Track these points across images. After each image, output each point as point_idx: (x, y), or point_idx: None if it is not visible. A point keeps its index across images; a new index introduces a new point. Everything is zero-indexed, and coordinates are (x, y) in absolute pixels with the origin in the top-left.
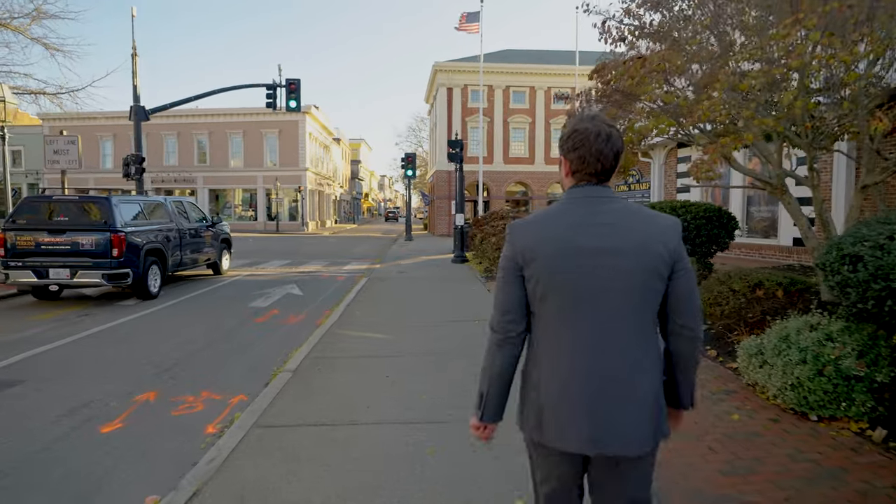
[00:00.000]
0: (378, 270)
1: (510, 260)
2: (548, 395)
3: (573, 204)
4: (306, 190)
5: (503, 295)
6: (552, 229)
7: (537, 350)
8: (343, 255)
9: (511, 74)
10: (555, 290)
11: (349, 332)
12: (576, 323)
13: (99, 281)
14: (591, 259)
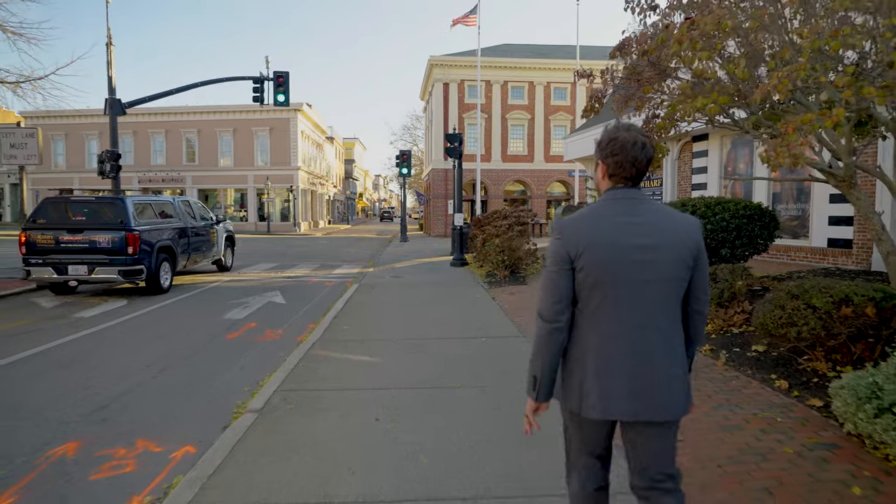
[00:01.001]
0: (371, 275)
1: (561, 254)
2: (595, 371)
3: (615, 204)
4: (298, 189)
5: (554, 285)
6: (601, 227)
7: (583, 332)
8: (334, 257)
9: (509, 69)
10: (605, 281)
11: (333, 353)
12: (623, 309)
13: (115, 277)
14: (635, 254)
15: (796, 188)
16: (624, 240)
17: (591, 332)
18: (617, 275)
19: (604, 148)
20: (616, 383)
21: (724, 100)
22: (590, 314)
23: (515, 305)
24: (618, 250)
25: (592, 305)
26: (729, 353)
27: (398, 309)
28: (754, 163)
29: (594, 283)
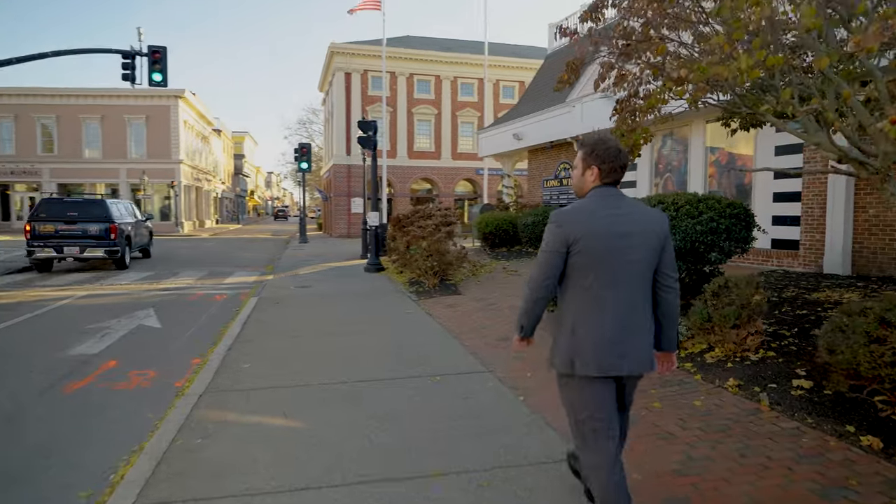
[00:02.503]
0: (271, 284)
1: (559, 240)
2: (589, 339)
3: (603, 199)
4: (181, 185)
5: (549, 265)
6: (595, 218)
7: (576, 306)
8: (225, 262)
9: (415, 61)
10: (597, 262)
11: (230, 412)
12: (613, 286)
13: (102, 255)
14: (621, 240)
15: (735, 184)
16: (612, 228)
17: (585, 305)
18: (607, 257)
19: (598, 154)
20: (611, 349)
21: (778, 60)
22: (582, 290)
23: (459, 323)
24: (608, 237)
25: (586, 283)
26: (764, 389)
27: (314, 333)
28: (689, 159)
29: (587, 264)
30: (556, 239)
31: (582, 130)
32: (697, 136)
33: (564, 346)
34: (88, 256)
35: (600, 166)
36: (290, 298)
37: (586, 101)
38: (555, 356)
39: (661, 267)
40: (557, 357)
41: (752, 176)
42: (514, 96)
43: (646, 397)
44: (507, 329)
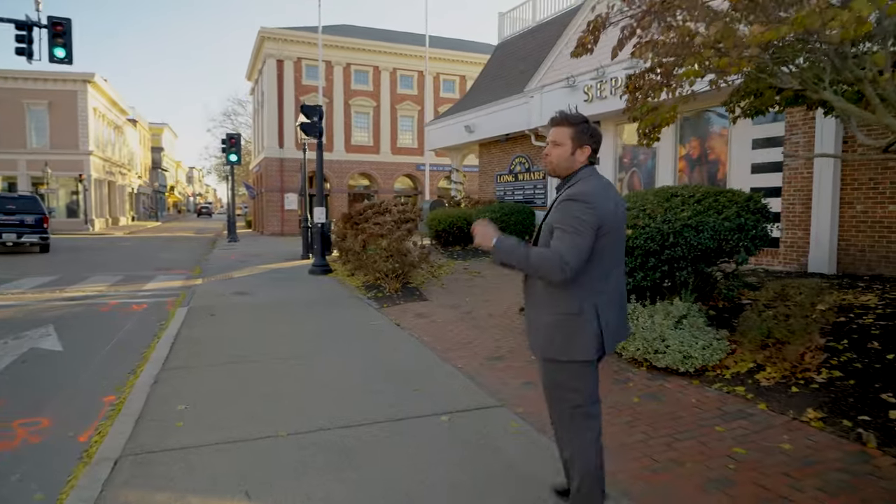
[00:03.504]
0: (202, 291)
1: (593, 223)
2: (613, 319)
3: (599, 179)
4: (90, 179)
5: (586, 247)
6: (609, 198)
7: (599, 288)
8: (144, 263)
9: (353, 50)
10: (614, 242)
11: (162, 494)
12: (619, 263)
13: (36, 240)
14: (622, 219)
15: (708, 175)
16: (617, 208)
17: (606, 287)
18: (617, 238)
19: (592, 133)
20: (621, 324)
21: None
22: (601, 273)
23: (439, 337)
24: (620, 217)
25: (605, 266)
26: (857, 423)
27: (266, 355)
28: (658, 153)
29: (611, 246)
30: (591, 222)
31: (541, 123)
32: (667, 127)
33: (590, 330)
34: (22, 241)
35: (593, 145)
36: (228, 309)
37: (548, 90)
38: (573, 343)
39: None
40: (580, 343)
41: (727, 170)
42: (455, 90)
43: (718, 439)
44: (497, 345)
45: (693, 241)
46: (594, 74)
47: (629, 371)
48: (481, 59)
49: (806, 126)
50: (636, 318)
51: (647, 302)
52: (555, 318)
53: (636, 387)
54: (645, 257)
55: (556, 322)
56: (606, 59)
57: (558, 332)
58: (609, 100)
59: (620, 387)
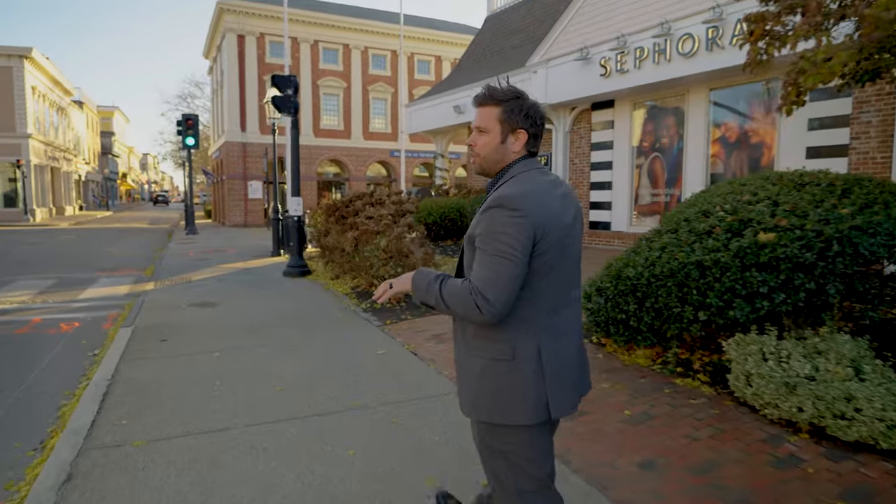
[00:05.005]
0: (153, 300)
1: (528, 235)
2: (558, 365)
3: (543, 174)
4: (30, 165)
5: (516, 276)
6: (551, 202)
7: (539, 326)
8: (85, 262)
9: (321, 27)
10: (557, 263)
11: None
12: (568, 290)
13: None
14: (571, 229)
15: (749, 161)
16: (564, 213)
17: (551, 318)
18: (565, 253)
19: (528, 113)
20: (573, 371)
21: None
22: (542, 300)
23: None
24: (564, 226)
25: (545, 290)
26: None
27: (242, 421)
28: (686, 136)
29: (550, 266)
30: (523, 233)
31: (545, 101)
32: (697, 105)
33: (531, 384)
34: None
35: (529, 129)
36: (186, 330)
37: (555, 64)
38: (507, 400)
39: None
40: (518, 404)
41: (773, 154)
42: (430, 72)
43: None
44: None
45: (864, 247)
46: (614, 44)
47: (787, 441)
48: (458, 38)
49: (881, 102)
50: (764, 358)
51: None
52: (483, 365)
53: (822, 476)
54: (792, 272)
55: (485, 370)
56: (628, 27)
57: (487, 384)
58: (631, 73)
59: (792, 472)
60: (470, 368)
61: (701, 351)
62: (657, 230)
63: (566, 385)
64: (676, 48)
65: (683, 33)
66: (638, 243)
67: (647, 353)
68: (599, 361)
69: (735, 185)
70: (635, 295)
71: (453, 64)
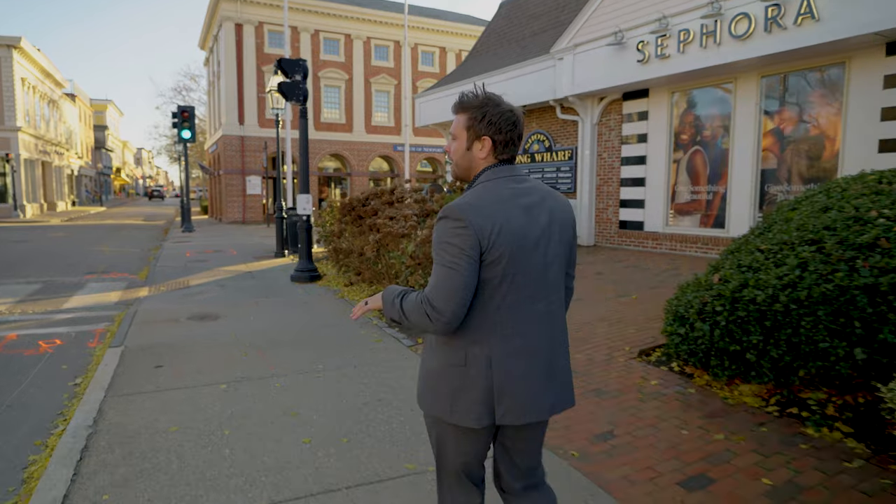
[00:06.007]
0: (147, 312)
1: (471, 244)
2: (509, 374)
3: (508, 183)
4: (20, 159)
5: (464, 284)
6: (506, 212)
7: (490, 331)
8: (74, 263)
9: (322, 15)
10: (514, 273)
11: None
12: (531, 299)
13: None
14: (539, 238)
15: (807, 156)
16: (527, 224)
17: (498, 331)
18: (525, 264)
19: (491, 119)
20: (534, 382)
21: None
22: (494, 310)
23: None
24: (524, 236)
25: (498, 300)
26: None
27: (270, 489)
28: (733, 127)
29: (503, 277)
30: (465, 244)
31: (572, 91)
32: (747, 93)
33: (479, 387)
34: None
35: (494, 136)
36: (185, 351)
37: (583, 50)
38: (455, 402)
39: (567, 267)
40: (460, 403)
41: (838, 148)
42: (434, 64)
43: None
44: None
45: None
46: (654, 27)
47: None
48: (463, 29)
49: None
50: None
51: None
52: (440, 367)
53: None
54: None
55: (441, 372)
56: (671, 7)
57: (443, 385)
58: (673, 59)
59: None
60: (430, 368)
61: (826, 389)
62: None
63: (518, 395)
64: (729, 30)
65: (738, 13)
66: (733, 256)
67: (754, 390)
68: (691, 398)
69: (869, 182)
70: (762, 324)
71: (458, 55)
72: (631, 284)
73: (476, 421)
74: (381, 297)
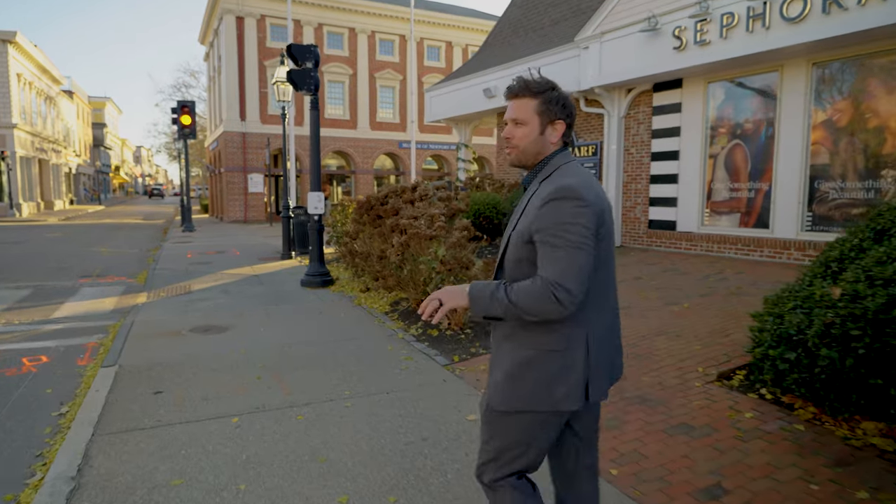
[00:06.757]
0: (143, 322)
1: (592, 224)
2: (602, 351)
3: (579, 164)
4: (15, 157)
5: (589, 260)
6: (601, 191)
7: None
8: (69, 266)
9: (326, 9)
10: (608, 253)
11: None
12: (610, 281)
13: None
14: (611, 220)
15: (864, 151)
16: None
17: (595, 309)
18: (609, 246)
19: (565, 104)
20: (614, 356)
21: None
22: (599, 290)
23: (628, 453)
24: (610, 217)
25: (601, 281)
26: None
27: None
28: (779, 118)
29: (601, 259)
30: (591, 222)
31: (598, 82)
32: (795, 82)
33: (579, 368)
34: None
35: (567, 120)
36: (188, 371)
37: (611, 38)
38: (552, 388)
39: None
40: (560, 387)
41: None
42: (440, 58)
43: None
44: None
45: None
46: (694, 10)
47: None
48: (470, 23)
49: None
50: None
51: None
52: (532, 356)
53: None
54: None
55: (533, 360)
56: None
57: (537, 374)
58: (713, 46)
59: None
60: (520, 360)
61: None
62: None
63: (604, 374)
64: (780, 12)
65: None
66: (852, 263)
67: (880, 428)
68: (803, 438)
69: None
70: None
71: (465, 50)
72: (677, 291)
73: (578, 402)
74: (468, 294)
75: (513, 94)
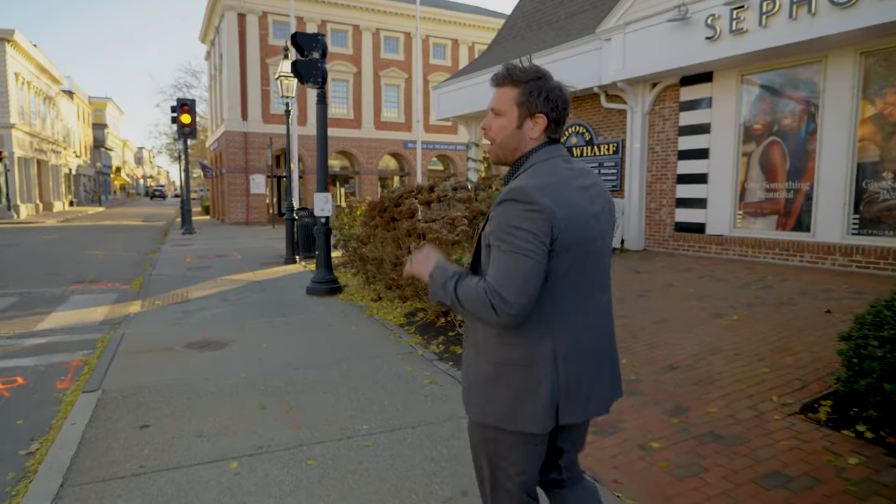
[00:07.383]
0: (134, 337)
1: (544, 231)
2: (578, 370)
3: (564, 163)
4: (13, 157)
5: (534, 269)
6: (570, 195)
7: (555, 324)
8: (61, 270)
9: (329, 5)
10: (576, 263)
11: None
12: (590, 291)
13: None
14: (597, 224)
15: None
16: (587, 209)
17: (565, 324)
18: (590, 250)
19: (548, 95)
20: (600, 376)
21: None
22: (561, 301)
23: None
24: (586, 223)
25: (565, 290)
26: None
27: None
28: (822, 114)
29: (571, 264)
30: (539, 228)
31: (622, 76)
32: (840, 73)
33: (546, 386)
34: None
35: (550, 114)
36: (181, 398)
37: (635, 28)
38: (515, 407)
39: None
40: (525, 407)
41: None
42: (447, 57)
43: None
44: None
45: None
46: None
47: None
48: (476, 20)
49: None
50: None
51: None
52: (494, 369)
53: None
54: None
55: (497, 374)
56: None
57: (498, 389)
58: (751, 35)
59: None
60: (483, 372)
61: None
62: None
63: (584, 391)
64: None
65: None
66: None
67: None
68: None
69: None
70: None
71: (471, 48)
72: (719, 301)
73: (544, 425)
74: (430, 275)
75: (496, 81)
